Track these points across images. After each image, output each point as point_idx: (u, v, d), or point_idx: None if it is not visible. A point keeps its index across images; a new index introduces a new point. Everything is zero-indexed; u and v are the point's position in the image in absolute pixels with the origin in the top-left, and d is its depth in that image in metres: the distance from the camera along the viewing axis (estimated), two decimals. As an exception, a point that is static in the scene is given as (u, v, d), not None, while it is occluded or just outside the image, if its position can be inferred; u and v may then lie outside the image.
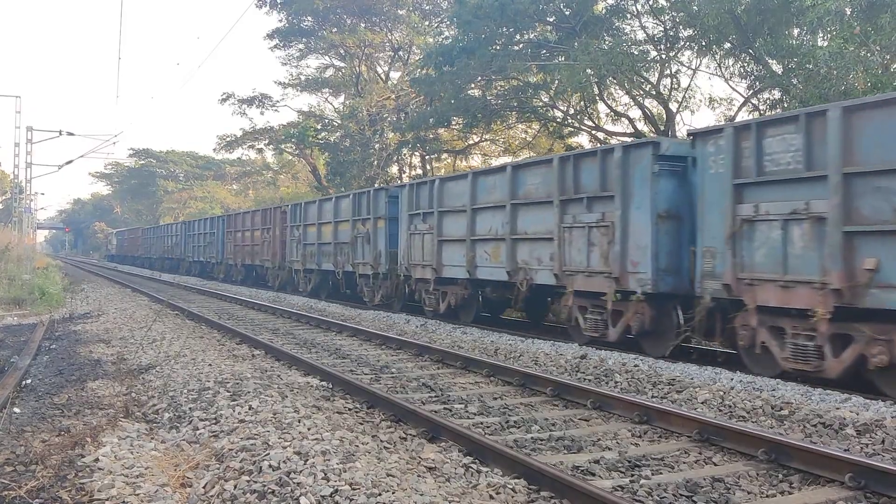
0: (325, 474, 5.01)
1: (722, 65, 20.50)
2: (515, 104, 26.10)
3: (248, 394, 7.72)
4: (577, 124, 26.31)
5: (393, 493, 4.71)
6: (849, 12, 15.19)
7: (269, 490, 4.86)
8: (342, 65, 40.83)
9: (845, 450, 6.16)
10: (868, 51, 14.33)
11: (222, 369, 9.38)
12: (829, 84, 14.80)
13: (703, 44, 19.69)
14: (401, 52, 38.46)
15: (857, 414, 7.10)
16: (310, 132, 38.15)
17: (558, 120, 26.36)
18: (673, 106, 22.22)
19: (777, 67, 18.35)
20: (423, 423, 6.81)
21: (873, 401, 7.70)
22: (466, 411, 7.75)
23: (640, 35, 22.38)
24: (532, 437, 6.67)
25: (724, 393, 8.15)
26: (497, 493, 5.05)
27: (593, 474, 5.63)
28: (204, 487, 5.14)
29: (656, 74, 22.14)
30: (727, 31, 18.31)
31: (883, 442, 6.33)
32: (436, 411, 7.52)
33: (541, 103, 25.80)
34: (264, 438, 5.91)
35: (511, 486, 5.18)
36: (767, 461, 5.86)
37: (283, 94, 59.27)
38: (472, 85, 26.13)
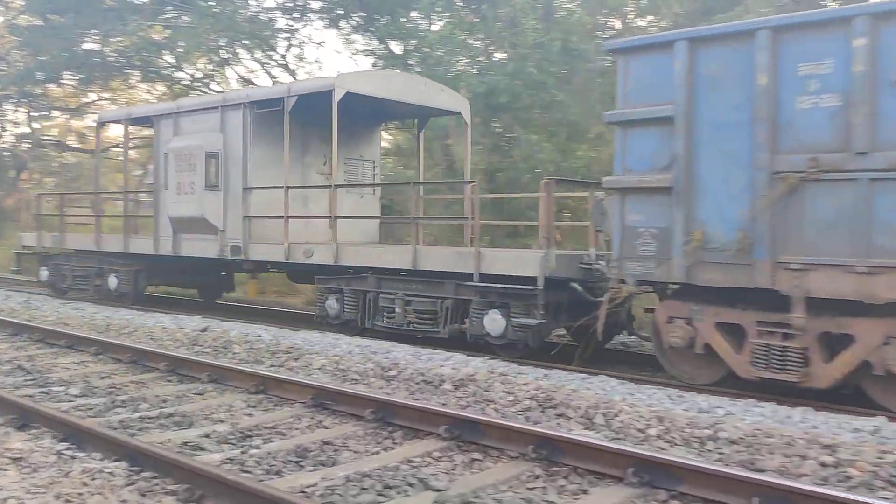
0: None
1: (348, 41, 21.09)
2: (138, 63, 24.40)
3: None
4: (204, 89, 25.35)
5: (-42, 496, 4.09)
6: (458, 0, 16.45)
7: None
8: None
9: (443, 404, 6.68)
10: (474, 38, 15.66)
11: None
12: (441, 67, 15.92)
13: (331, 18, 20.07)
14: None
15: (457, 370, 7.66)
16: None
17: (184, 83, 25.22)
18: (300, 76, 22.37)
19: (398, 48, 19.30)
20: (11, 410, 6.11)
21: (472, 357, 8.38)
22: (67, 394, 7.13)
23: (271, 2, 22.18)
24: (140, 416, 6.31)
25: (340, 358, 8.38)
26: (92, 479, 4.66)
27: (203, 449, 5.45)
28: None
29: (286, 44, 22.11)
30: (352, 8, 18.84)
31: (474, 394, 6.94)
32: (30, 396, 6.86)
33: (166, 64, 24.45)
34: None
35: (109, 471, 4.82)
36: (375, 420, 6.14)
37: None
38: (88, 39, 23.89)
